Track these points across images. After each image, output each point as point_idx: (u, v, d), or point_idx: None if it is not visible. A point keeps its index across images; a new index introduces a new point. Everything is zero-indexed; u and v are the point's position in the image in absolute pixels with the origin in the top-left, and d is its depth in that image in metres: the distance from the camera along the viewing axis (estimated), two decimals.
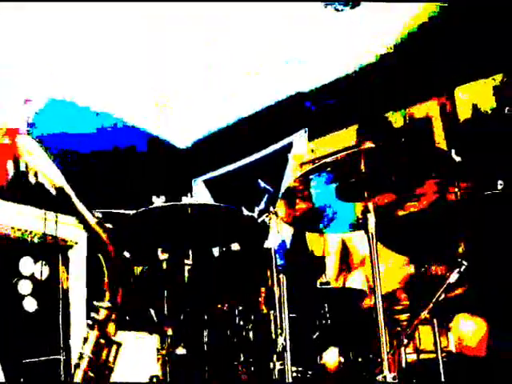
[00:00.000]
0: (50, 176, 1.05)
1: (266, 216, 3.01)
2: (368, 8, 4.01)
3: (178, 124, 5.49)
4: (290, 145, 5.16)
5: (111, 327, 1.21)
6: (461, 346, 2.52)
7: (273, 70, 4.70)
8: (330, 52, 4.47)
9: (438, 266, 2.66)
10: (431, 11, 4.06)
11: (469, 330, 2.51)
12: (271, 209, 2.97)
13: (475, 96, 4.00)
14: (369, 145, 2.76)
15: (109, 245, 1.20)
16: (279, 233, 2.96)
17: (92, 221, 1.17)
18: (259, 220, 3.08)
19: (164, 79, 4.82)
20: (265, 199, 4.41)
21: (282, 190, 2.42)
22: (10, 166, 1.06)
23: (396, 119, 4.34)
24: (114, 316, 1.22)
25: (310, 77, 4.77)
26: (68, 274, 2.83)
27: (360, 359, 2.86)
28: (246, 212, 3.10)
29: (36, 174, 1.04)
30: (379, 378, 1.98)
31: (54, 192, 1.08)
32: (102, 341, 1.20)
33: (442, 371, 2.39)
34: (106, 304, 1.22)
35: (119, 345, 1.23)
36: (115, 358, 1.23)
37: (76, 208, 1.13)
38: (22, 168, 1.01)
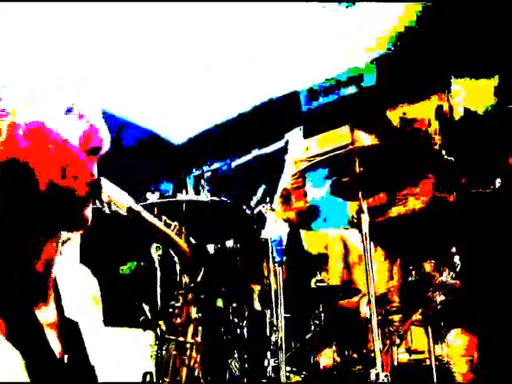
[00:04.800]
0: (120, 200, 1.09)
1: (263, 206, 2.98)
2: (364, 7, 4.00)
3: (174, 119, 5.47)
4: (286, 143, 5.13)
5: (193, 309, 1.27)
6: None
7: (269, 68, 4.68)
8: (327, 50, 4.45)
9: (432, 267, 2.64)
10: (417, 11, 4.05)
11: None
12: (268, 204, 2.94)
13: (472, 96, 3.99)
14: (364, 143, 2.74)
15: (182, 247, 1.26)
16: (276, 222, 2.92)
17: (162, 227, 1.21)
18: (256, 210, 3.05)
19: (162, 74, 4.80)
20: (262, 189, 4.38)
21: (279, 188, 2.41)
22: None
23: (392, 118, 4.33)
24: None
25: (306, 75, 4.75)
26: None
27: (355, 356, 2.85)
28: (243, 207, 3.08)
29: (109, 204, 1.07)
30: (372, 375, 1.98)
31: (124, 213, 1.11)
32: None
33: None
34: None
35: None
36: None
37: (147, 220, 1.17)
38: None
